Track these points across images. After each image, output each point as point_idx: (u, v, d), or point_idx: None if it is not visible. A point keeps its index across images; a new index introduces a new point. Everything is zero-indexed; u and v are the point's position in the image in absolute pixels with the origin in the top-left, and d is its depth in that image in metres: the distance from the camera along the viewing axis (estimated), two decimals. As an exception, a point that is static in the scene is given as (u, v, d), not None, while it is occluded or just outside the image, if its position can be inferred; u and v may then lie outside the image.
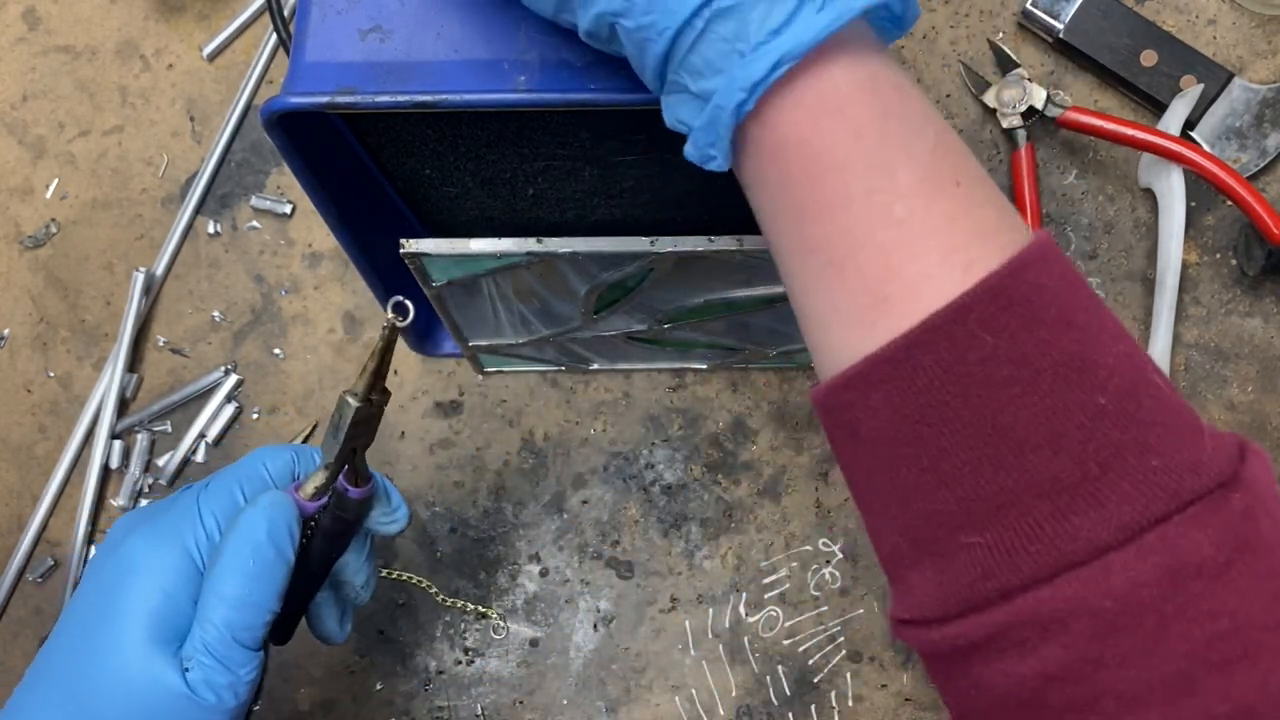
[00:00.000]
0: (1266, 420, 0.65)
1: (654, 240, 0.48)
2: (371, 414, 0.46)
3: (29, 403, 0.68)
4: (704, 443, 0.66)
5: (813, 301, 0.33)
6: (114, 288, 0.68)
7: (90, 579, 0.44)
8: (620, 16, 0.32)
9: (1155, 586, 0.29)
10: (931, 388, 0.30)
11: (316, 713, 0.65)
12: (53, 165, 0.69)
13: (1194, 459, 0.30)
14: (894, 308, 0.31)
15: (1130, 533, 0.29)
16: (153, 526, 0.44)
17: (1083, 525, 0.29)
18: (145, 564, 0.43)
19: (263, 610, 0.43)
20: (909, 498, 0.32)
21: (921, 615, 0.33)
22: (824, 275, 0.32)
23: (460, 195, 0.51)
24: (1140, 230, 0.66)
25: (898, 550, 0.33)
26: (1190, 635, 0.29)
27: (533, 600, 0.66)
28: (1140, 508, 0.29)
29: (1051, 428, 0.30)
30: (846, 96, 0.31)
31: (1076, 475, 0.29)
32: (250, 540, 0.43)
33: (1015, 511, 0.30)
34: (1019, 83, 0.65)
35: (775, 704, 0.64)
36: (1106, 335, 0.31)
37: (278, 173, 0.69)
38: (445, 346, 0.65)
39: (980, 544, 0.30)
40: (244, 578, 0.42)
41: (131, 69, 0.70)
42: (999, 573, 0.30)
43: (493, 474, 0.67)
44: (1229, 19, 0.67)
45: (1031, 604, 0.30)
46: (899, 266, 0.31)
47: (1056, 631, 0.30)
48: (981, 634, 0.31)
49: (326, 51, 0.40)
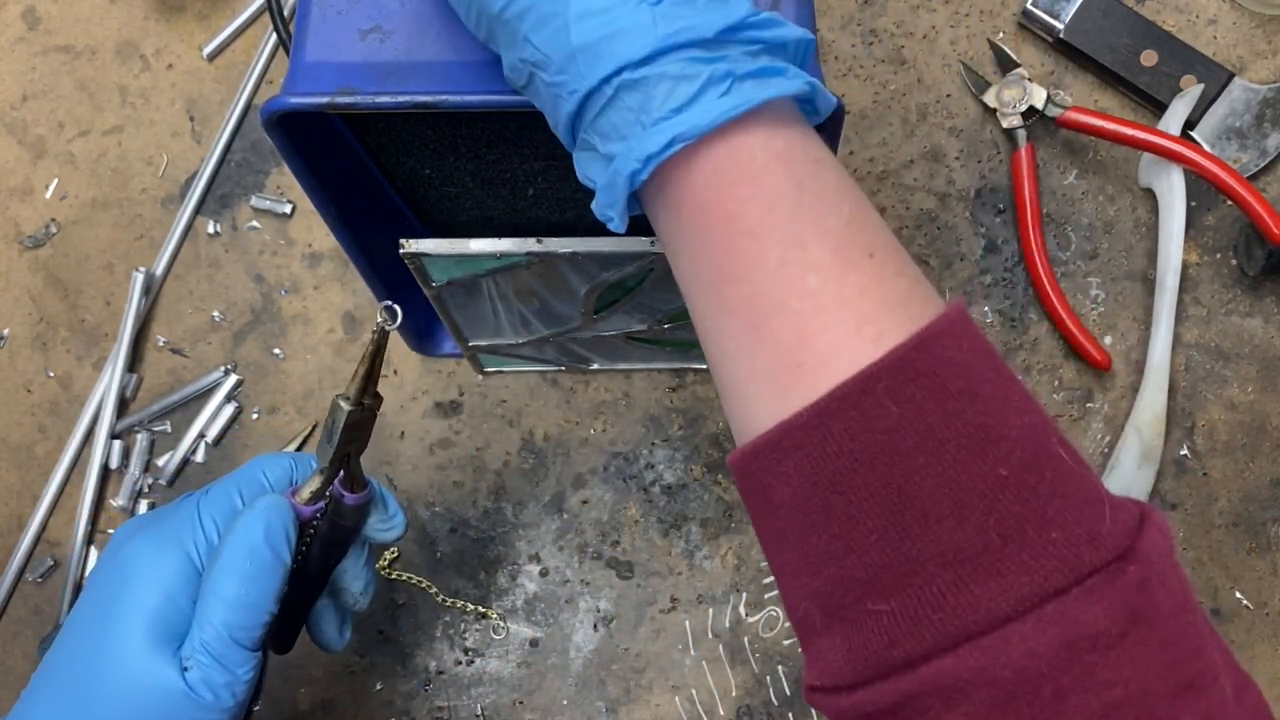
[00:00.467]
0: (1266, 420, 0.65)
1: (654, 240, 0.48)
2: (364, 418, 0.46)
3: (29, 403, 0.68)
4: (704, 443, 0.66)
5: (731, 365, 0.34)
6: (114, 288, 0.68)
7: (93, 582, 0.45)
8: (537, 69, 0.33)
9: (1053, 658, 0.29)
10: (841, 454, 0.31)
11: (316, 713, 0.65)
12: (52, 165, 0.69)
13: (1092, 531, 0.30)
14: (807, 375, 0.31)
15: (1029, 604, 0.29)
16: (154, 531, 0.44)
17: (983, 595, 0.30)
18: (146, 567, 0.43)
19: (260, 611, 0.43)
20: (820, 564, 0.32)
21: (832, 682, 0.33)
22: (742, 339, 0.33)
23: (460, 195, 0.51)
24: (1140, 230, 0.66)
25: (809, 616, 0.34)
26: (1087, 706, 0.29)
27: (533, 600, 0.66)
28: (1039, 579, 0.29)
29: (955, 498, 0.30)
30: (762, 166, 0.32)
31: (978, 546, 0.30)
32: (247, 542, 0.43)
33: (920, 580, 0.30)
34: (1019, 83, 0.65)
35: (775, 704, 0.64)
36: (1011, 407, 0.31)
37: (278, 173, 0.69)
38: (445, 346, 0.65)
39: (886, 611, 0.31)
40: (241, 579, 0.43)
41: (131, 69, 0.70)
42: (904, 641, 0.30)
43: (493, 474, 0.67)
44: (1229, 19, 0.67)
45: (935, 673, 0.30)
46: (812, 336, 0.31)
47: (959, 700, 0.30)
48: (888, 701, 0.31)
49: (326, 51, 0.40)
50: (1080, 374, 0.66)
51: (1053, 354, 0.66)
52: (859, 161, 0.67)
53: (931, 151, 0.67)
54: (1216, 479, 0.65)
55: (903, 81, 0.68)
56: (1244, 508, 0.65)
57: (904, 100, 0.68)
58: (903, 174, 0.67)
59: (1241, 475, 0.65)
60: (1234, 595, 0.64)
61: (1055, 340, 0.66)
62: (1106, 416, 0.66)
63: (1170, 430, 0.65)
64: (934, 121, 0.67)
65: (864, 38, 0.68)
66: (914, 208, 0.67)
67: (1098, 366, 0.65)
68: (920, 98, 0.67)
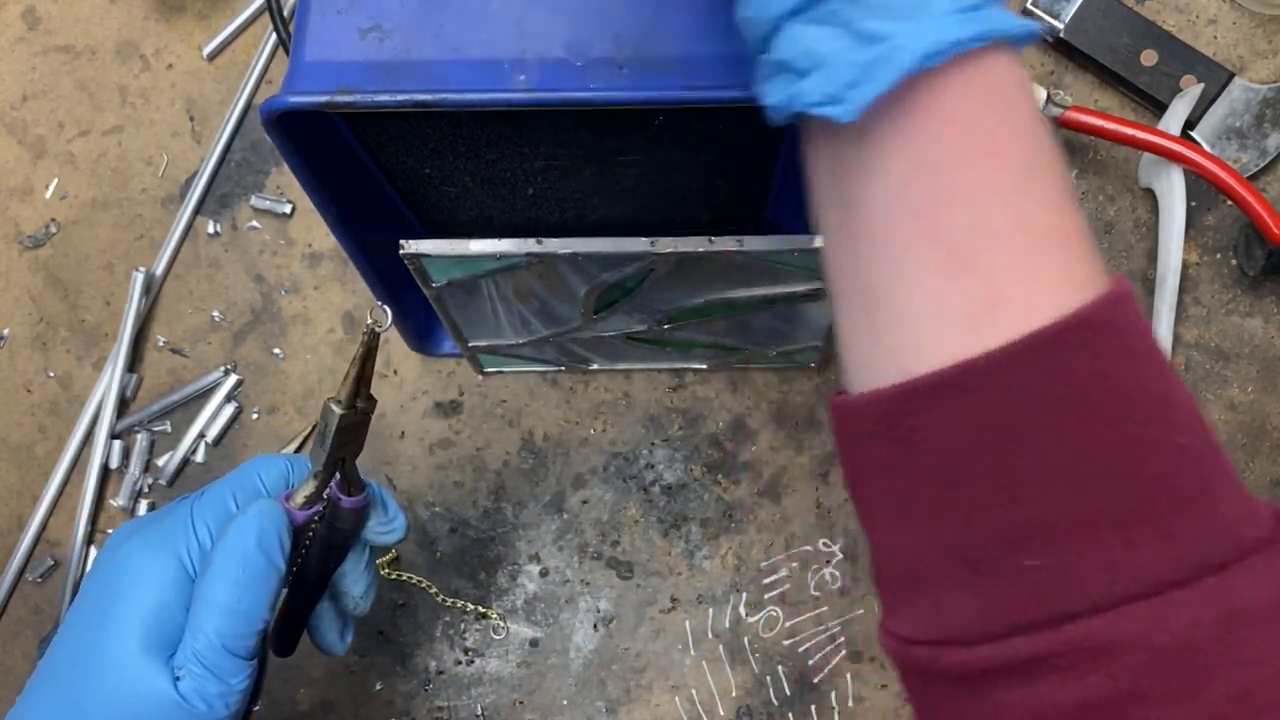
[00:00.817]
0: (1266, 420, 0.65)
1: (654, 240, 0.48)
2: (357, 421, 0.45)
3: (29, 403, 0.68)
4: (704, 443, 0.66)
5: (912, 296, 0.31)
6: (114, 288, 0.68)
7: (88, 587, 0.44)
8: None
9: (1212, 628, 0.29)
10: (1024, 403, 0.30)
11: (316, 713, 0.65)
12: (52, 165, 0.69)
13: (1251, 510, 0.31)
14: (1005, 316, 0.30)
15: (1196, 573, 0.29)
16: (147, 535, 0.44)
17: (1152, 559, 0.29)
18: (139, 572, 0.43)
19: (253, 619, 0.43)
20: (971, 514, 0.31)
21: (949, 635, 0.32)
22: (941, 267, 0.31)
23: (460, 195, 0.51)
24: (1140, 230, 0.66)
25: (933, 568, 0.33)
26: (1233, 680, 0.29)
27: (533, 600, 0.66)
28: (1208, 549, 0.29)
29: (1132, 460, 0.30)
30: (1014, 89, 0.31)
31: (1150, 510, 0.30)
32: (240, 549, 0.43)
33: (1084, 538, 0.30)
34: (1019, 82, 0.65)
35: (775, 704, 0.64)
36: (1175, 378, 0.32)
37: (278, 173, 0.69)
38: (445, 346, 0.65)
39: (1042, 567, 0.30)
40: (234, 586, 0.42)
41: (131, 69, 0.70)
42: (1055, 598, 0.30)
43: (493, 474, 0.67)
44: (1229, 19, 0.67)
45: (1083, 632, 0.30)
46: (1023, 275, 0.30)
47: (1105, 661, 0.30)
48: (1021, 657, 0.31)
49: (326, 51, 0.40)
50: (1080, 374, 0.66)
51: (1053, 354, 0.66)
52: (859, 161, 0.67)
53: (931, 151, 0.67)
54: (1216, 479, 0.65)
55: (903, 81, 0.68)
56: (1244, 508, 0.65)
57: (904, 100, 0.67)
58: (903, 174, 0.67)
59: (1241, 475, 0.65)
60: (1234, 595, 0.64)
61: (1055, 340, 0.66)
62: (1106, 416, 0.66)
63: (1170, 430, 0.65)
64: (934, 121, 0.67)
65: (864, 38, 0.68)
66: (914, 208, 0.67)
67: (1098, 366, 0.65)
68: (920, 98, 0.67)
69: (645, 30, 0.40)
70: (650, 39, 0.40)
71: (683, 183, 0.50)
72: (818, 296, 0.54)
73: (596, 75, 0.39)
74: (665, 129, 0.45)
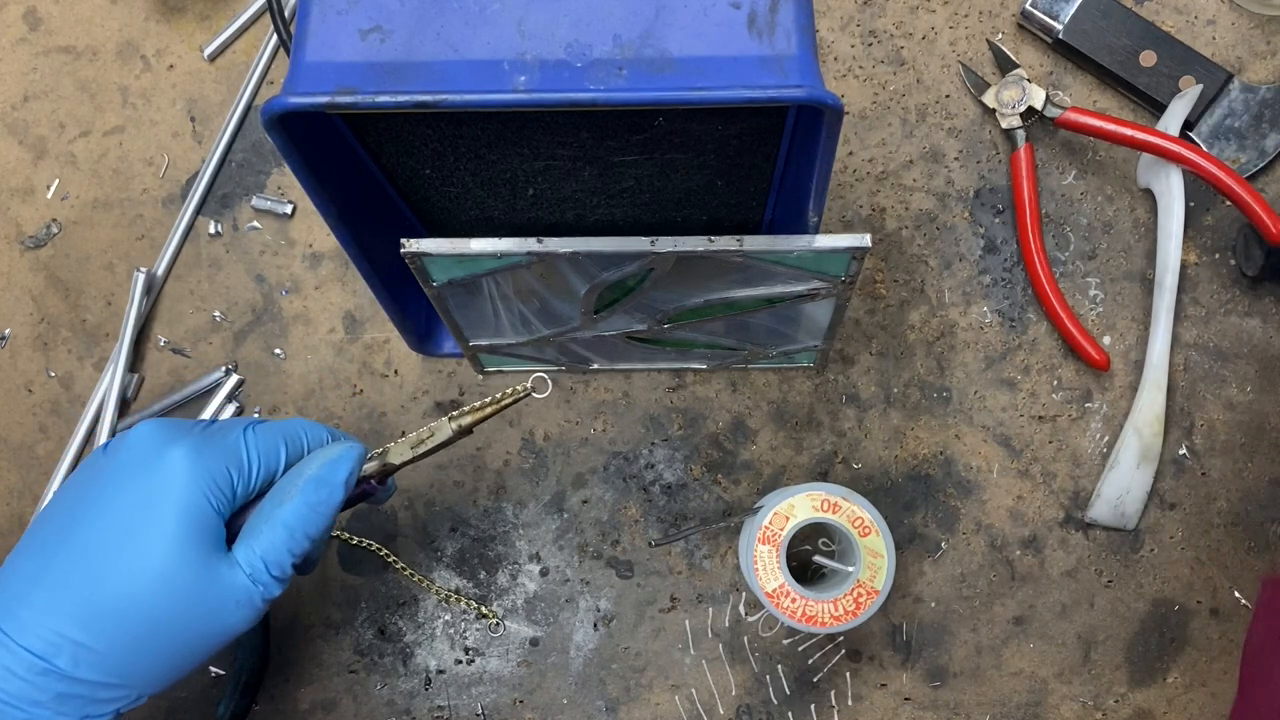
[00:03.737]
0: (1265, 420, 0.65)
1: (654, 240, 0.48)
2: (450, 441, 0.50)
3: (30, 403, 0.68)
4: (704, 443, 0.66)
5: None
6: (115, 288, 0.69)
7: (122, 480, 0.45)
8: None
9: None
10: None
11: (316, 712, 0.65)
12: (54, 166, 0.70)
13: None
14: None
15: None
16: (199, 445, 0.45)
17: None
18: (191, 475, 0.45)
19: (315, 543, 0.47)
20: None
21: None
22: None
23: (460, 195, 0.51)
24: (1139, 230, 0.67)
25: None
26: None
27: (533, 600, 0.66)
28: None
29: None
30: None
31: None
32: (330, 478, 0.47)
33: None
34: (1018, 83, 0.65)
35: (775, 703, 0.64)
36: None
37: (278, 173, 0.69)
38: (445, 346, 0.66)
39: None
40: (309, 507, 0.46)
41: (132, 69, 0.70)
42: None
43: (493, 474, 0.67)
44: (1228, 19, 0.67)
45: None
46: None
47: None
48: None
49: (327, 51, 0.40)
50: (1079, 374, 0.66)
51: (1052, 354, 0.66)
52: (858, 162, 0.67)
53: (931, 152, 0.67)
54: (1215, 479, 0.65)
55: (902, 82, 0.68)
56: (1243, 507, 0.65)
57: (903, 101, 0.68)
58: (902, 174, 0.67)
59: (1240, 475, 0.65)
60: (1233, 595, 0.64)
61: (1054, 340, 0.66)
62: (1105, 416, 0.66)
63: (1169, 430, 0.65)
64: (933, 122, 0.68)
65: (863, 38, 0.68)
66: (913, 208, 0.67)
67: (1096, 366, 0.65)
68: (919, 98, 0.68)
69: (645, 30, 0.40)
70: (650, 39, 0.40)
71: (683, 183, 0.50)
72: (817, 296, 0.54)
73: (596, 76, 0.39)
74: (665, 129, 0.45)
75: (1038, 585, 0.65)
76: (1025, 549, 0.65)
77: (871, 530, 0.56)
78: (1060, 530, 0.65)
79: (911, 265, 0.67)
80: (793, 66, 0.40)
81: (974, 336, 0.66)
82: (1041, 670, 0.65)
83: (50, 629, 0.43)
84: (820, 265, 0.51)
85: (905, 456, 0.66)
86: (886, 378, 0.66)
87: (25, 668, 0.42)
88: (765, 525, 0.57)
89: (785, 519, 0.57)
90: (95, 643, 0.43)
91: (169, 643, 0.44)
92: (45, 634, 0.42)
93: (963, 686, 0.65)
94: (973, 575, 0.65)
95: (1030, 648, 0.65)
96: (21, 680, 0.42)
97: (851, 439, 0.66)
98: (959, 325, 0.66)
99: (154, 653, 0.44)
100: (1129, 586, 0.65)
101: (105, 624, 0.43)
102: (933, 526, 0.65)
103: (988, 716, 0.65)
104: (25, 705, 0.42)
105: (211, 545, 0.45)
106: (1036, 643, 0.65)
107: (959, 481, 0.66)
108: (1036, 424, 0.66)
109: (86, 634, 0.43)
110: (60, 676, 0.43)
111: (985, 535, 0.65)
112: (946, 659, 0.65)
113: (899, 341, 0.66)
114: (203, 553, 0.44)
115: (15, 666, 0.42)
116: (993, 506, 0.65)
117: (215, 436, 0.47)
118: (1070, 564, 0.65)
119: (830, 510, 0.57)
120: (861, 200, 0.67)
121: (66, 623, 0.43)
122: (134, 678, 0.44)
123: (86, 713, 0.44)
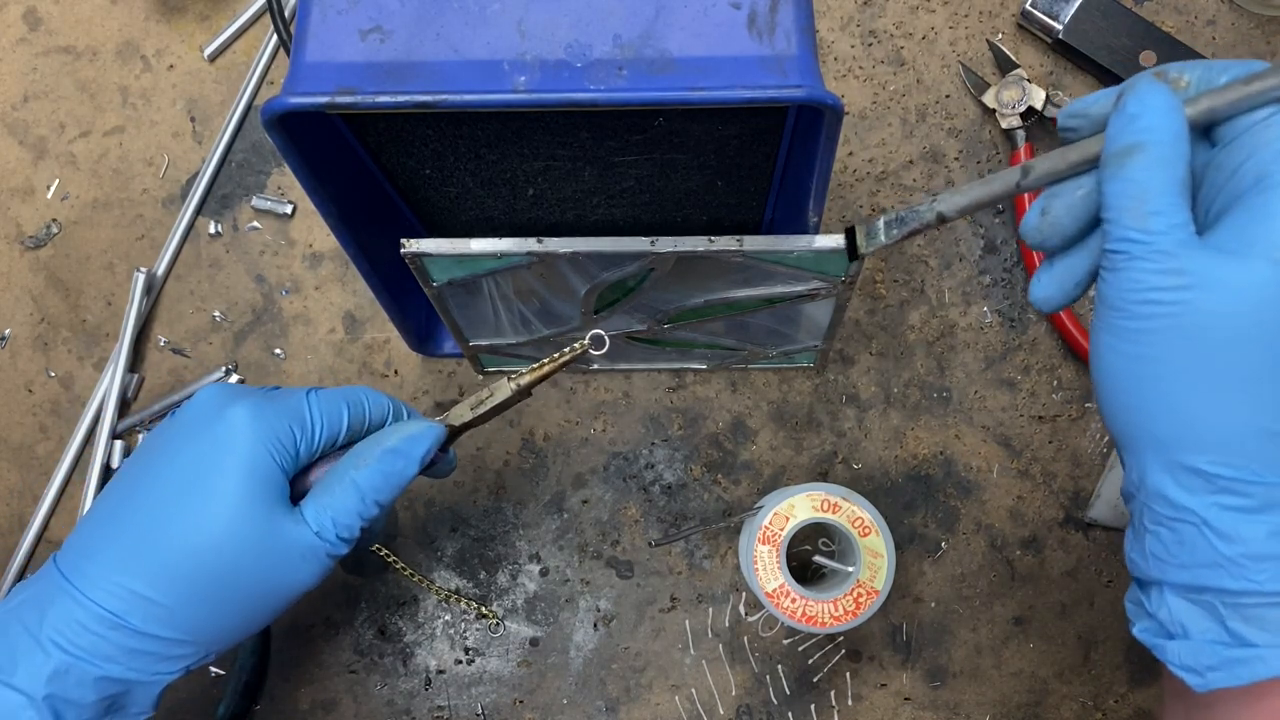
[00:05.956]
0: (1265, 420, 0.65)
1: (654, 240, 0.48)
2: (510, 404, 0.50)
3: (30, 403, 0.68)
4: (704, 443, 0.66)
5: None
6: (115, 288, 0.69)
7: (186, 438, 0.46)
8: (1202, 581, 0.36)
9: None
10: None
11: (316, 712, 0.65)
12: (54, 166, 0.70)
13: None
14: None
15: None
16: (261, 406, 0.46)
17: None
18: (254, 430, 0.45)
19: (379, 508, 0.47)
20: None
21: None
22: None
23: (460, 195, 0.51)
24: (1139, 230, 0.66)
25: None
26: None
27: (533, 600, 0.66)
28: None
29: None
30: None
31: None
32: (409, 452, 0.47)
33: None
34: (1018, 83, 0.65)
35: (775, 703, 0.64)
36: None
37: (278, 173, 0.69)
38: (445, 346, 0.66)
39: None
40: (384, 477, 0.47)
41: (132, 69, 0.70)
42: None
43: (493, 474, 0.67)
44: (1228, 20, 0.67)
45: None
46: None
47: None
48: None
49: (327, 52, 0.40)
50: (1079, 374, 0.66)
51: (1051, 354, 0.66)
52: (859, 162, 0.67)
53: (931, 152, 0.67)
54: (1215, 479, 0.65)
55: (902, 82, 0.68)
56: (1243, 507, 0.65)
57: (903, 101, 0.68)
58: (902, 174, 0.67)
59: (1240, 475, 0.65)
60: (1233, 595, 0.64)
61: (1054, 340, 0.66)
62: (1105, 416, 0.66)
63: (1169, 430, 0.65)
64: (933, 122, 0.68)
65: (863, 38, 0.68)
66: (913, 208, 0.67)
67: (1097, 366, 0.65)
68: (919, 98, 0.68)
69: (645, 31, 0.40)
70: (650, 39, 0.40)
71: (683, 183, 0.50)
72: (817, 296, 0.54)
73: (596, 76, 0.40)
74: (665, 130, 0.45)
75: (1038, 585, 0.65)
76: (1025, 549, 0.65)
77: (871, 530, 0.56)
78: (1060, 530, 0.65)
79: (911, 265, 0.67)
80: (793, 67, 0.40)
81: (974, 336, 0.66)
82: (1041, 670, 0.65)
83: (119, 584, 0.43)
84: (820, 265, 0.51)
85: (905, 456, 0.66)
86: (886, 378, 0.66)
87: (97, 622, 0.43)
88: (765, 525, 0.57)
89: (785, 519, 0.57)
90: (164, 598, 0.43)
91: (236, 598, 0.45)
92: (115, 589, 0.43)
93: (963, 686, 0.65)
94: (973, 575, 0.65)
95: (1030, 648, 0.65)
96: (94, 635, 0.43)
97: (851, 439, 0.66)
98: (959, 325, 0.66)
99: (221, 608, 0.45)
100: (1129, 586, 0.65)
101: (173, 579, 0.43)
102: (933, 526, 0.65)
103: (988, 716, 0.65)
104: (97, 660, 0.43)
105: (276, 499, 0.45)
106: (1036, 643, 0.65)
107: (959, 481, 0.66)
108: (1036, 424, 0.66)
109: (154, 589, 0.43)
110: (131, 632, 0.43)
111: (985, 535, 0.65)
112: (946, 659, 0.65)
113: (899, 341, 0.66)
114: (268, 506, 0.44)
115: (87, 621, 0.43)
116: (993, 506, 0.65)
117: (278, 398, 0.47)
118: (1070, 564, 0.65)
119: (830, 510, 0.57)
120: (861, 200, 0.67)
121: (135, 579, 0.43)
122: (202, 634, 0.45)
123: (157, 669, 0.45)
